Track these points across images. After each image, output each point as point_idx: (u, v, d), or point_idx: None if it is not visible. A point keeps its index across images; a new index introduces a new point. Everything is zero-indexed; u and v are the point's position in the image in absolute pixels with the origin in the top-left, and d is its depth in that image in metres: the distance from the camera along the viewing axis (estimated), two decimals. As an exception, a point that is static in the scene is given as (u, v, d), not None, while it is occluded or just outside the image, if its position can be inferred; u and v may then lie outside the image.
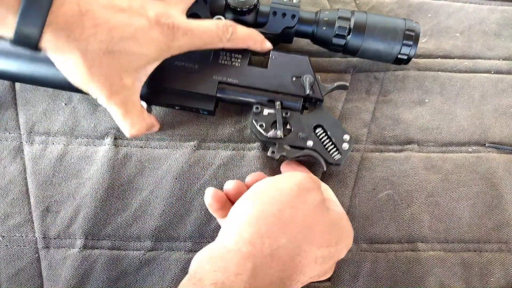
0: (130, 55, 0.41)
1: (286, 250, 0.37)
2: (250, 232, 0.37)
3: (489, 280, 0.50)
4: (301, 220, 0.39)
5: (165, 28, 0.42)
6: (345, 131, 0.49)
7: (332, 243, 0.40)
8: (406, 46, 0.50)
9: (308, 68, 0.50)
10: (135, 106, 0.44)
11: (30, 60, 0.48)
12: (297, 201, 0.39)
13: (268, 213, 0.38)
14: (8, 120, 0.55)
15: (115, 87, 0.41)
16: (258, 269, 0.35)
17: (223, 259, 0.36)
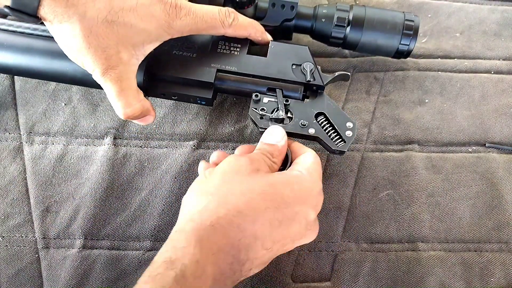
0: (129, 27, 0.40)
1: (226, 218, 0.38)
2: (189, 211, 0.40)
3: (489, 280, 0.50)
4: (239, 190, 0.40)
5: (167, 5, 0.42)
6: (348, 118, 0.48)
7: (280, 203, 0.40)
8: (406, 36, 0.50)
9: (308, 56, 0.50)
10: (130, 84, 0.43)
11: (27, 51, 0.49)
12: (229, 176, 0.41)
13: (205, 193, 0.40)
14: (8, 120, 0.55)
15: (111, 60, 0.41)
16: (203, 240, 0.37)
17: (171, 240, 0.38)
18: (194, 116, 0.55)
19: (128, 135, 0.54)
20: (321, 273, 0.50)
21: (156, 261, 0.36)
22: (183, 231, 0.38)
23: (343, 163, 0.54)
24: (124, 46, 0.41)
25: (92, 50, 0.40)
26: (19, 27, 0.50)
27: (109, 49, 0.40)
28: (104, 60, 0.40)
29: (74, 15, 0.38)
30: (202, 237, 0.37)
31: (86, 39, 0.39)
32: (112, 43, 0.40)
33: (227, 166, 0.42)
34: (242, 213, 0.39)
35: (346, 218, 0.52)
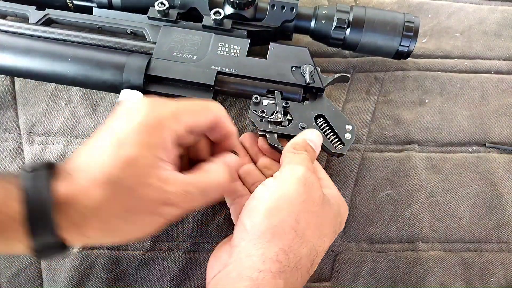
0: (133, 193, 0.34)
1: (307, 257, 0.38)
2: (274, 251, 0.37)
3: (489, 280, 0.50)
4: (314, 224, 0.39)
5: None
6: (348, 121, 0.49)
7: (337, 231, 0.43)
8: (406, 38, 0.50)
9: (308, 58, 0.50)
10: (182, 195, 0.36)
11: (27, 52, 0.49)
12: (308, 205, 0.39)
13: (287, 228, 0.38)
14: (8, 120, 0.55)
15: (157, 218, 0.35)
16: (288, 283, 0.36)
17: (254, 280, 0.35)
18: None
19: (128, 135, 0.54)
20: (321, 273, 0.50)
21: None
22: (269, 273, 0.36)
23: (343, 163, 0.54)
24: (163, 180, 0.34)
25: (152, 212, 0.35)
26: (20, 28, 0.50)
27: (144, 209, 0.34)
28: (151, 224, 0.36)
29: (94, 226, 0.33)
30: (289, 281, 0.37)
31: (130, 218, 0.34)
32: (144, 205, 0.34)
33: (303, 190, 0.39)
34: (316, 250, 0.39)
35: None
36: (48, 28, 0.50)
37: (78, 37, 0.50)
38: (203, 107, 0.38)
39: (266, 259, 0.36)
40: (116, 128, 0.35)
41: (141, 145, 0.34)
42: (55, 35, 0.50)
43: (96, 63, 0.48)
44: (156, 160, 0.34)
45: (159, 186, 0.34)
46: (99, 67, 0.48)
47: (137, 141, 0.34)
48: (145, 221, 0.35)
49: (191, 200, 0.36)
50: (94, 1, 0.52)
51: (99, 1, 0.52)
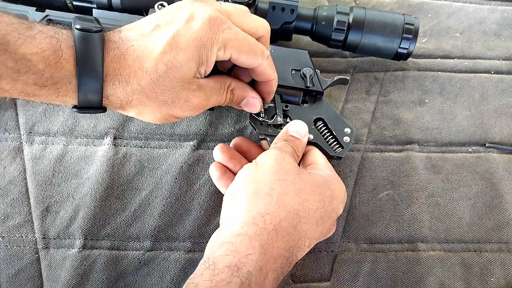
0: (180, 67, 0.38)
1: (287, 221, 0.39)
2: (251, 215, 0.39)
3: (489, 280, 0.50)
4: (292, 190, 0.41)
5: (209, 21, 0.39)
6: (347, 124, 0.49)
7: (326, 203, 0.43)
8: (405, 40, 0.50)
9: (307, 61, 0.50)
10: (216, 88, 0.43)
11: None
12: (281, 174, 0.41)
13: (262, 194, 0.40)
14: (8, 120, 0.55)
15: (190, 103, 0.41)
16: (266, 246, 0.37)
17: (232, 244, 0.37)
18: (194, 116, 0.55)
19: (128, 135, 0.54)
20: (321, 273, 0.50)
21: (216, 263, 0.36)
22: (245, 235, 0.38)
23: (343, 163, 0.54)
24: (188, 82, 0.40)
25: (172, 105, 0.40)
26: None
27: (182, 94, 0.40)
28: (186, 105, 0.41)
29: (134, 91, 0.38)
30: (266, 242, 0.38)
31: (157, 101, 0.39)
32: (179, 88, 0.39)
33: (275, 164, 0.42)
34: (298, 215, 0.40)
35: (345, 218, 0.52)
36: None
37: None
38: (252, 51, 0.41)
39: (244, 223, 0.39)
40: (176, 29, 0.38)
41: (190, 56, 0.38)
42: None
43: None
44: (195, 73, 0.40)
45: (192, 90, 0.40)
46: None
47: (189, 51, 0.38)
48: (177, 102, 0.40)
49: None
50: (94, 2, 0.52)
51: (99, 2, 0.52)
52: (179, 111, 0.41)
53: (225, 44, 0.39)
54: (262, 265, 0.37)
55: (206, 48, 0.39)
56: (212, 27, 0.38)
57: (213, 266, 0.36)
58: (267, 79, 0.45)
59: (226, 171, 0.48)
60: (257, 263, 0.36)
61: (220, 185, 0.48)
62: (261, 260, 0.37)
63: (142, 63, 0.37)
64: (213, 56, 0.40)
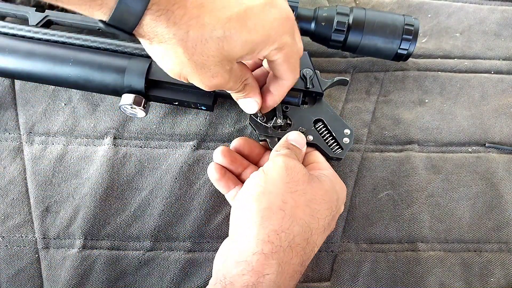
0: (235, 41, 0.35)
1: (300, 236, 0.39)
2: (265, 232, 0.38)
3: (489, 280, 0.50)
4: (303, 201, 0.40)
5: (282, 12, 0.37)
6: (346, 125, 0.49)
7: (333, 208, 0.43)
8: (405, 40, 0.50)
9: (307, 63, 0.50)
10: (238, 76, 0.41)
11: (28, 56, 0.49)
12: (292, 185, 0.41)
13: (274, 208, 0.39)
14: (8, 120, 0.55)
15: (218, 78, 0.38)
16: (283, 263, 0.37)
17: (249, 263, 0.37)
18: (194, 116, 0.55)
19: (128, 135, 0.54)
20: (320, 273, 0.50)
21: (234, 283, 0.36)
22: (262, 254, 0.37)
23: (343, 163, 0.54)
24: (229, 60, 0.37)
25: (198, 69, 0.36)
26: (20, 30, 0.50)
27: (215, 67, 0.36)
28: (210, 79, 0.37)
29: (176, 35, 0.34)
30: (283, 260, 0.37)
31: (191, 58, 0.35)
32: (217, 60, 0.36)
33: (285, 173, 0.41)
34: (310, 227, 0.40)
35: (345, 218, 0.52)
36: (49, 30, 0.50)
37: (79, 40, 0.50)
38: (295, 67, 0.41)
39: (258, 241, 0.38)
40: (252, 5, 0.35)
41: (250, 39, 0.36)
42: (56, 37, 0.50)
43: (98, 67, 0.48)
44: (241, 57, 0.37)
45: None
46: (101, 71, 0.48)
47: (252, 33, 0.35)
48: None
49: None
50: (94, 2, 0.52)
51: (99, 2, 0.52)
52: (198, 78, 0.37)
53: (282, 47, 0.38)
54: (280, 285, 0.37)
55: (267, 42, 0.37)
56: (283, 26, 0.37)
57: (230, 286, 0.36)
58: (277, 95, 0.45)
59: (226, 172, 0.48)
60: (275, 283, 0.36)
61: (220, 186, 0.48)
62: (279, 280, 0.37)
63: (202, 14, 0.33)
64: (266, 52, 0.38)
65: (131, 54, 0.50)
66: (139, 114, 0.50)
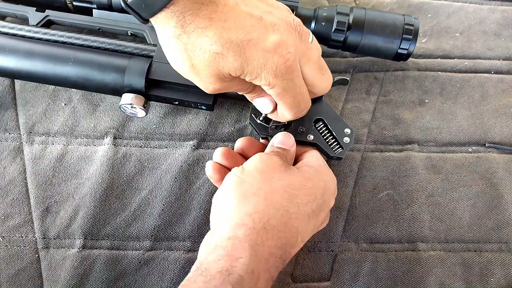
0: (230, 62, 0.37)
1: (276, 218, 0.39)
2: (239, 216, 0.39)
3: (489, 280, 0.50)
4: (280, 187, 0.41)
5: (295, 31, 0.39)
6: (346, 125, 0.49)
7: (317, 196, 0.42)
8: (405, 40, 0.50)
9: None
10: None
11: (28, 55, 0.49)
12: (268, 173, 0.41)
13: (249, 194, 0.40)
14: (8, 120, 0.55)
15: (218, 84, 0.39)
16: (256, 246, 0.37)
17: (223, 248, 0.37)
18: (194, 116, 0.55)
19: (128, 135, 0.54)
20: (321, 273, 0.50)
21: (209, 269, 0.36)
22: (236, 238, 0.38)
23: (343, 163, 0.54)
24: (224, 75, 0.38)
25: (196, 74, 0.38)
26: (21, 30, 0.50)
27: (211, 77, 0.38)
28: (208, 85, 0.39)
29: (180, 36, 0.36)
30: (256, 243, 0.37)
31: (190, 60, 0.37)
32: (213, 72, 0.38)
33: (261, 164, 0.42)
34: (288, 211, 0.40)
35: (346, 218, 0.52)
36: (49, 30, 0.51)
37: (79, 40, 0.50)
38: (294, 105, 0.42)
39: (232, 225, 0.39)
40: (257, 37, 0.37)
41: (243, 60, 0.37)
42: (56, 37, 0.50)
43: (98, 67, 0.48)
44: (237, 75, 0.38)
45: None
46: (101, 70, 0.48)
47: (245, 55, 0.37)
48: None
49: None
50: (94, 2, 0.52)
51: (99, 2, 0.52)
52: (197, 81, 0.39)
53: (274, 86, 0.39)
54: (254, 268, 0.36)
55: (258, 75, 0.38)
56: (278, 70, 0.37)
57: (206, 272, 0.36)
58: (280, 117, 0.45)
59: (226, 171, 0.47)
60: (248, 266, 0.36)
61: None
62: (252, 263, 0.36)
63: (209, 28, 0.35)
64: (256, 82, 0.39)
65: (131, 53, 0.50)
66: (139, 113, 0.50)
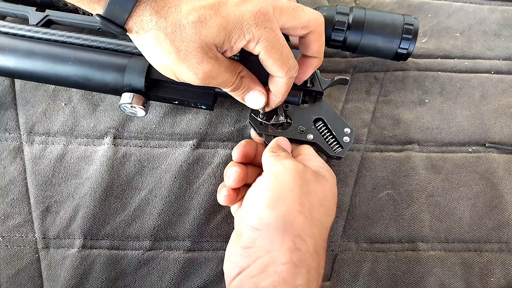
0: (212, 28, 0.37)
1: (321, 237, 0.39)
2: (291, 239, 0.37)
3: (489, 280, 0.50)
4: (316, 201, 0.40)
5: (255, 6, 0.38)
6: (346, 124, 0.49)
7: (336, 202, 0.43)
8: (405, 40, 0.50)
9: None
10: (224, 71, 0.41)
11: (28, 55, 0.49)
12: (305, 187, 0.40)
13: (294, 213, 0.38)
14: (8, 120, 0.55)
15: (203, 66, 0.39)
16: (311, 270, 0.37)
17: (278, 274, 0.36)
18: (194, 115, 0.55)
19: (128, 135, 0.54)
20: (320, 273, 0.50)
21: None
22: (291, 263, 0.37)
23: (343, 163, 0.54)
24: (209, 47, 0.38)
25: (182, 57, 0.38)
26: (21, 29, 0.50)
27: (197, 52, 0.38)
28: (197, 66, 0.38)
29: (158, 22, 0.37)
30: (311, 267, 0.37)
31: (173, 44, 0.37)
32: (197, 46, 0.37)
33: (297, 176, 0.40)
34: (325, 226, 0.40)
35: (346, 217, 0.52)
36: (49, 30, 0.51)
37: (79, 39, 0.50)
38: (280, 60, 0.41)
39: (286, 250, 0.37)
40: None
41: (224, 25, 0.37)
42: (56, 37, 0.50)
43: (98, 66, 0.49)
44: (218, 43, 0.38)
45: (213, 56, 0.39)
46: (101, 70, 0.49)
47: (225, 21, 0.37)
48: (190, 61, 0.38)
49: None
50: (94, 2, 0.52)
51: (99, 2, 0.52)
52: (185, 69, 0.39)
53: (259, 40, 0.38)
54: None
55: (241, 31, 0.38)
56: (256, 18, 0.38)
57: None
58: (275, 93, 0.44)
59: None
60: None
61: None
62: (309, 287, 0.37)
63: (181, 4, 0.37)
64: (242, 43, 0.38)
65: (131, 53, 0.50)
66: (139, 113, 0.50)
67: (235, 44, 0.39)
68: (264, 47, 0.39)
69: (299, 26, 0.41)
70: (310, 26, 0.42)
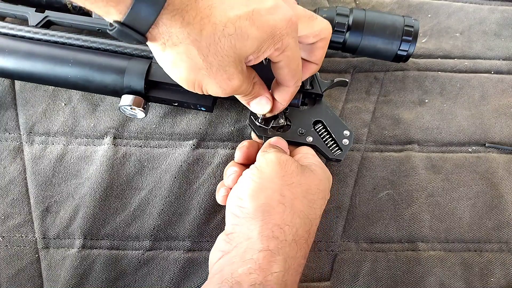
0: (246, 39, 0.35)
1: (302, 228, 0.39)
2: (269, 227, 0.38)
3: (489, 280, 0.50)
4: (300, 193, 0.40)
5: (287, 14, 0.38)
6: (346, 127, 0.49)
7: (326, 197, 0.43)
8: (405, 42, 0.50)
9: None
10: (249, 83, 0.41)
11: (28, 56, 0.49)
12: (288, 178, 0.41)
13: (274, 203, 0.39)
14: (8, 120, 0.55)
15: (234, 80, 0.37)
16: (288, 259, 0.37)
17: (255, 261, 0.37)
18: (193, 115, 0.55)
19: (128, 135, 0.54)
20: (320, 273, 0.50)
21: (241, 283, 0.36)
22: (268, 251, 0.37)
23: (343, 163, 0.54)
24: (240, 60, 0.37)
25: (214, 72, 0.36)
26: (20, 30, 0.50)
27: (229, 68, 0.36)
28: (227, 82, 0.37)
29: (190, 35, 0.33)
30: (288, 255, 0.37)
31: (206, 59, 0.35)
32: (231, 60, 0.36)
33: (279, 167, 0.41)
34: (309, 218, 0.40)
35: (346, 217, 0.52)
36: (49, 31, 0.51)
37: (79, 40, 0.50)
38: (295, 71, 0.41)
39: (263, 238, 0.38)
40: (258, 7, 0.36)
41: (259, 36, 0.36)
42: (56, 38, 0.50)
43: (97, 68, 0.49)
44: (251, 53, 0.37)
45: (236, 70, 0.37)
46: (100, 72, 0.49)
47: (260, 31, 0.36)
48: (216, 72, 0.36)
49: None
50: (94, 2, 0.52)
51: (99, 2, 0.52)
52: (214, 84, 0.37)
53: (285, 49, 0.38)
54: (287, 280, 0.37)
55: (272, 40, 0.36)
56: (287, 27, 0.37)
57: (237, 285, 0.36)
58: (280, 101, 0.45)
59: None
60: (282, 279, 0.36)
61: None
62: (285, 276, 0.37)
63: (213, 13, 0.34)
64: (269, 51, 0.37)
65: (130, 55, 0.50)
66: (139, 115, 0.50)
67: (263, 53, 0.37)
68: (287, 55, 0.39)
69: (312, 34, 0.41)
70: (321, 35, 0.42)
